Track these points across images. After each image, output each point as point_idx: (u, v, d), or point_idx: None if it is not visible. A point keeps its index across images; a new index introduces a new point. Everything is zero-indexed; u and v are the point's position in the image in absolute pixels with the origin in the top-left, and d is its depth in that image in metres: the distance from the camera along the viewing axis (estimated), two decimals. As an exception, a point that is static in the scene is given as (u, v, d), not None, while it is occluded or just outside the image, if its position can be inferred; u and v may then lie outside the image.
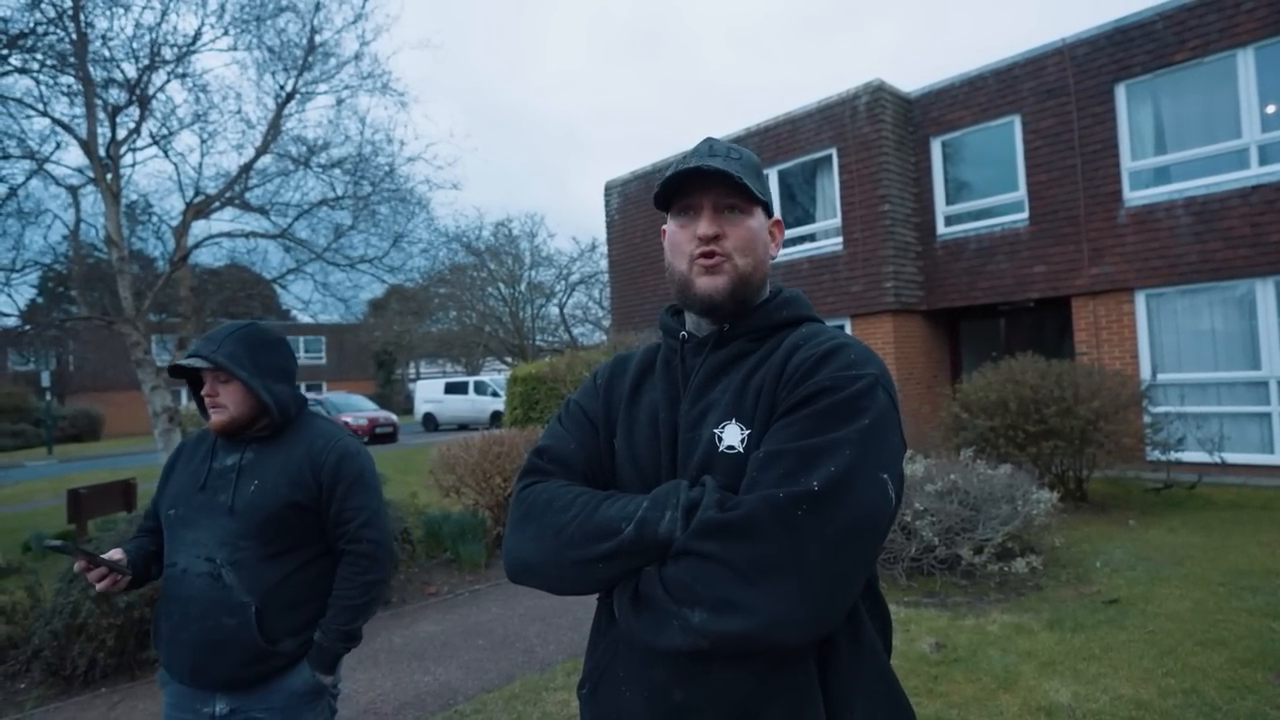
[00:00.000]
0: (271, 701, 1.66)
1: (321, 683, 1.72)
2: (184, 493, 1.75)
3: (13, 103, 7.86)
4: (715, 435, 1.00)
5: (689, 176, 1.06)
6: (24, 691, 3.91)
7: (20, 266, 8.43)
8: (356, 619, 1.73)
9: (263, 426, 1.75)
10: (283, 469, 1.71)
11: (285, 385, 1.79)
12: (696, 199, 1.08)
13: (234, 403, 1.71)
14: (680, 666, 0.94)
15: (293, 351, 1.87)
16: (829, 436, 0.89)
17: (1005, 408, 6.71)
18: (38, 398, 26.96)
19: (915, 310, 10.49)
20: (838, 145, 10.60)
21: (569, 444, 1.13)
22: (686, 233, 1.09)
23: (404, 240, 11.16)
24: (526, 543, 1.02)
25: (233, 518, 1.66)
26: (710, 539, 0.87)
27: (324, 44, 9.73)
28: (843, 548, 0.85)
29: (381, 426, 20.48)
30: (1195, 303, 8.30)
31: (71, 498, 7.08)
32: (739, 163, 1.08)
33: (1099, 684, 3.23)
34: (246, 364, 1.70)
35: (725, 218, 1.07)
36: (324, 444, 1.77)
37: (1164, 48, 8.33)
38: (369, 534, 1.75)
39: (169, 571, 1.71)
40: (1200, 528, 5.89)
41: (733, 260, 1.07)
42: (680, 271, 1.10)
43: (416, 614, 4.95)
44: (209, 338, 1.72)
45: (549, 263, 24.93)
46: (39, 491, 12.63)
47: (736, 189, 1.06)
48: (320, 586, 1.74)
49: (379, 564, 1.76)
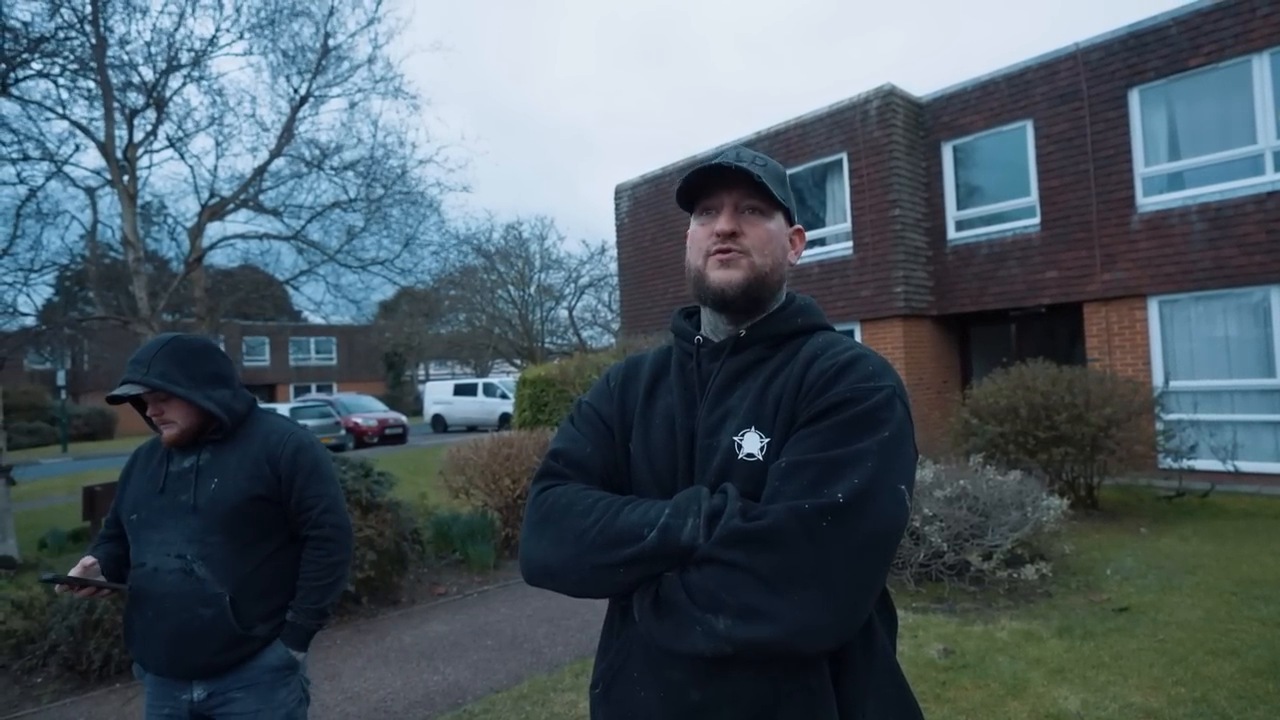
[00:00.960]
0: (246, 679, 1.74)
1: (294, 658, 1.80)
2: (144, 497, 1.80)
3: (33, 105, 7.98)
4: (735, 443, 1.00)
5: (712, 174, 1.08)
6: (40, 686, 3.97)
7: (39, 267, 8.55)
8: (325, 598, 1.83)
9: (214, 431, 1.80)
10: (240, 464, 1.77)
11: (225, 389, 1.82)
12: (718, 198, 1.10)
13: (180, 417, 1.75)
14: (698, 667, 0.95)
15: (224, 355, 1.90)
16: (851, 448, 0.91)
17: (1016, 414, 6.68)
18: (53, 396, 27.26)
19: (925, 315, 10.46)
20: (848, 149, 10.59)
21: (585, 447, 1.13)
22: (705, 230, 1.11)
23: (415, 242, 11.24)
24: (546, 546, 1.03)
25: (197, 515, 1.72)
26: (736, 547, 0.89)
27: (337, 48, 9.84)
28: (864, 558, 0.87)
29: (391, 427, 20.60)
30: (1209, 309, 8.24)
31: (87, 495, 7.16)
32: (763, 168, 1.10)
33: (1108, 692, 3.22)
34: (180, 379, 1.73)
35: (745, 217, 1.09)
36: (279, 438, 1.83)
37: (1178, 53, 8.28)
38: (330, 519, 1.85)
39: (138, 572, 1.76)
40: (1213, 536, 5.85)
41: (750, 257, 1.08)
42: (696, 266, 1.11)
43: (426, 614, 4.98)
44: (136, 360, 1.74)
45: (559, 265, 24.99)
46: (55, 488, 12.77)
47: (758, 190, 1.08)
48: (289, 572, 1.83)
49: (341, 546, 1.87)
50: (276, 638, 1.77)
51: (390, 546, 5.11)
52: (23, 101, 7.85)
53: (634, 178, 14.14)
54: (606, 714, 1.07)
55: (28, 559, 6.94)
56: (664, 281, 13.44)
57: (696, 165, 1.08)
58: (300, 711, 1.84)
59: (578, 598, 1.06)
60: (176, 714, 1.74)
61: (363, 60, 10.19)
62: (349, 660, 4.13)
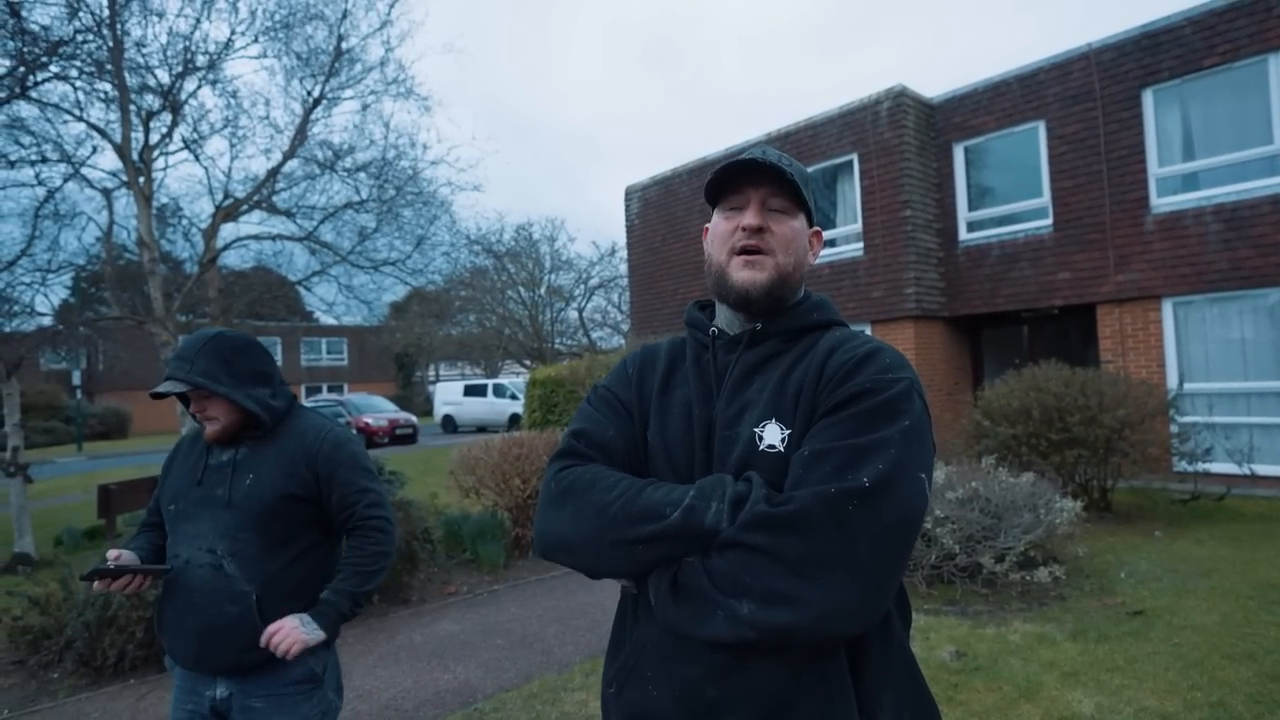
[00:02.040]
0: (269, 689, 1.70)
1: (316, 672, 1.75)
2: (182, 488, 1.80)
3: (51, 108, 8.08)
4: (756, 435, 1.00)
5: (742, 170, 1.07)
6: (57, 681, 4.01)
7: (56, 267, 8.63)
8: (365, 584, 1.79)
9: (255, 428, 1.80)
10: (277, 462, 1.76)
11: (265, 388, 1.81)
12: (745, 194, 1.10)
13: (222, 414, 1.76)
14: (715, 663, 0.94)
15: (266, 351, 1.89)
16: (874, 436, 0.91)
17: (1028, 415, 6.64)
18: (69, 396, 27.55)
19: (937, 317, 10.41)
20: (859, 150, 10.56)
21: (607, 430, 1.13)
22: (730, 224, 1.10)
23: (426, 243, 11.28)
24: (565, 520, 1.03)
25: (230, 510, 1.72)
26: (761, 531, 0.89)
27: (350, 50, 9.89)
28: (889, 543, 0.88)
29: (401, 428, 20.73)
30: (1225, 311, 8.16)
31: (102, 493, 7.25)
32: (790, 167, 1.10)
33: (1123, 696, 3.19)
34: (224, 377, 1.73)
35: (770, 215, 1.09)
36: (316, 435, 1.81)
37: (1193, 53, 8.21)
38: (376, 513, 1.82)
39: (172, 564, 1.77)
40: (1229, 540, 5.78)
41: (775, 257, 1.08)
42: (719, 262, 1.11)
43: (436, 613, 5.00)
44: (181, 357, 1.75)
45: (569, 266, 25.03)
46: (70, 487, 12.91)
47: (785, 188, 1.08)
48: (318, 574, 1.80)
49: (388, 538, 1.84)
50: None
51: (401, 545, 5.13)
52: (41, 104, 7.95)
53: (644, 179, 14.16)
54: (620, 714, 1.06)
55: (44, 556, 7.01)
56: (674, 282, 13.44)
57: (718, 163, 1.09)
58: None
59: (593, 576, 1.06)
60: (199, 709, 1.73)
61: (375, 63, 10.23)
62: (360, 658, 4.16)
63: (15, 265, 7.92)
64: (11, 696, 3.87)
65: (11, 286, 8.31)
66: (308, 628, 1.70)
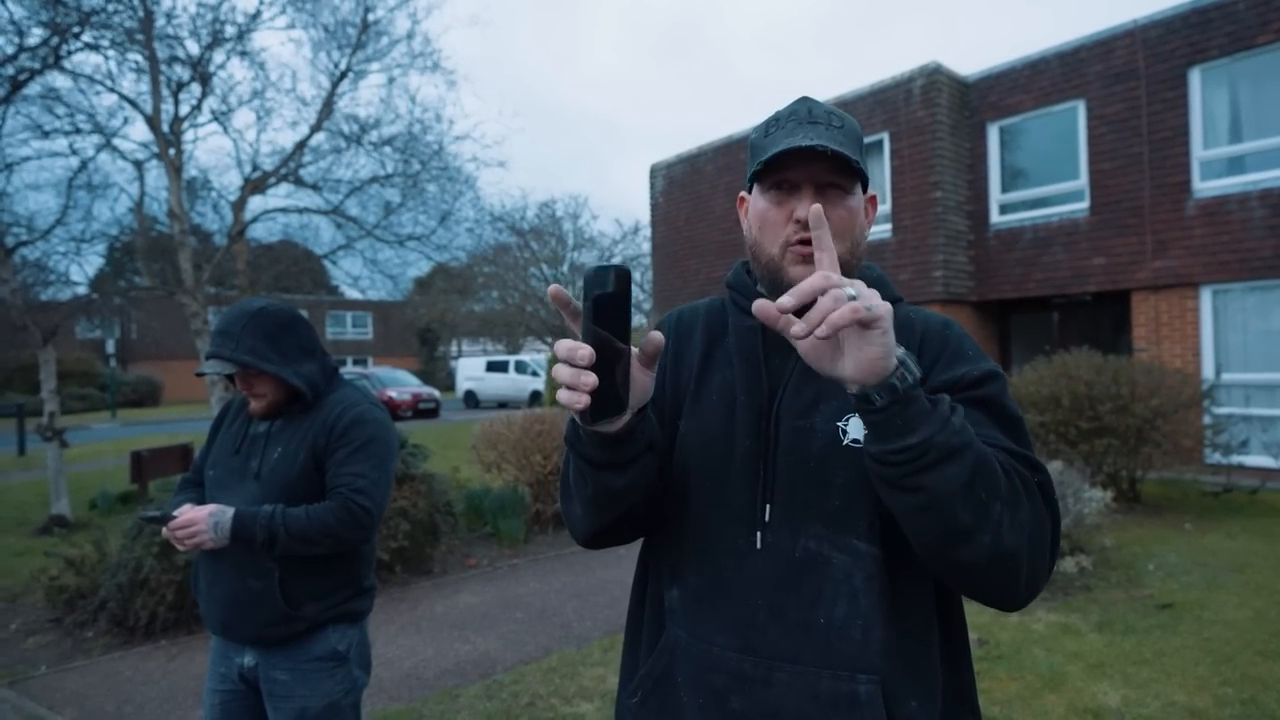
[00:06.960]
0: (292, 662, 1.69)
1: (339, 651, 1.72)
2: (223, 455, 1.80)
3: (84, 79, 8.16)
4: (839, 429, 0.92)
5: (799, 153, 0.92)
6: (91, 640, 4.14)
7: (89, 237, 8.78)
8: (295, 540, 1.61)
9: (298, 403, 1.77)
10: (304, 436, 1.73)
11: (311, 363, 1.78)
12: (795, 174, 0.95)
13: (269, 390, 1.73)
14: (742, 674, 0.90)
15: (308, 324, 1.83)
16: (1015, 431, 0.94)
17: (1057, 403, 6.51)
18: (103, 364, 28.20)
19: (965, 301, 10.22)
20: (890, 129, 10.33)
21: None
22: (781, 212, 0.97)
23: (451, 219, 11.28)
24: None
25: (258, 483, 1.70)
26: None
27: (377, 22, 9.84)
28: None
29: (425, 402, 21.29)
30: (1266, 300, 7.90)
31: (134, 459, 7.42)
32: (841, 131, 0.96)
33: (1150, 689, 3.14)
34: (271, 355, 1.69)
35: (826, 196, 0.96)
36: (341, 409, 1.75)
37: (1245, 29, 7.87)
38: (359, 500, 1.67)
39: None
40: (1262, 534, 5.65)
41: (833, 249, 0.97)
42: (771, 256, 0.98)
43: (457, 585, 5.07)
44: (224, 333, 1.70)
45: (592, 244, 24.92)
46: (104, 452, 13.25)
47: (841, 166, 0.94)
48: (343, 553, 1.73)
49: (352, 529, 1.66)
50: (327, 622, 1.72)
51: (424, 517, 5.19)
52: (74, 75, 8.03)
53: (670, 157, 14.00)
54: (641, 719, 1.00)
55: (79, 519, 7.22)
56: (697, 262, 13.33)
57: (775, 146, 0.93)
58: (348, 702, 1.74)
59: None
60: (229, 676, 1.75)
61: (402, 35, 10.18)
62: (382, 628, 4.22)
63: (50, 235, 8.05)
64: (49, 653, 4.00)
65: (47, 255, 8.47)
66: (216, 533, 1.60)
